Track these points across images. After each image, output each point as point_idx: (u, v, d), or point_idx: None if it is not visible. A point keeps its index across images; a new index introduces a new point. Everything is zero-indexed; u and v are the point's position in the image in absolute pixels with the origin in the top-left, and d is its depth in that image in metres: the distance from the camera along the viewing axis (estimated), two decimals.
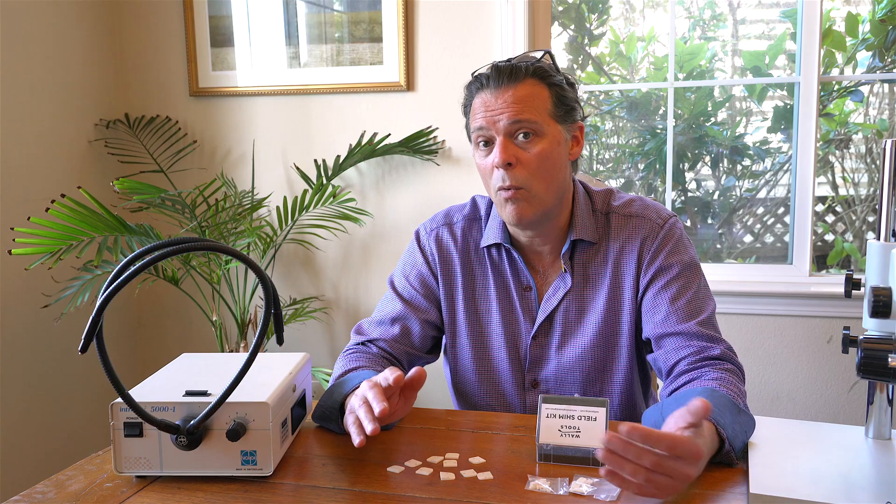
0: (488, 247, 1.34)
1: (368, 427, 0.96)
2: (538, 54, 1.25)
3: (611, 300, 1.28)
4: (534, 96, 1.21)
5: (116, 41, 2.72)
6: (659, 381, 1.53)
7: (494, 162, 1.20)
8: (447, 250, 1.36)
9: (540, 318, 1.30)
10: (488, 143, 1.23)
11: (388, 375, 1.03)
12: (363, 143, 2.42)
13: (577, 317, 1.29)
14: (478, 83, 1.24)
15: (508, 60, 1.25)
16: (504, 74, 1.21)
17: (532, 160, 1.20)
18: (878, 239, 1.03)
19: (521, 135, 1.20)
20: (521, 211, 1.21)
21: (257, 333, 0.96)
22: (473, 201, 1.40)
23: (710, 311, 1.24)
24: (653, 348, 1.25)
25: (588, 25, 3.35)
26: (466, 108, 1.29)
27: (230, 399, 0.96)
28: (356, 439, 0.98)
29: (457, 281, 1.35)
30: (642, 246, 1.27)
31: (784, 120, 3.12)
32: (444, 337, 1.40)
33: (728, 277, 2.43)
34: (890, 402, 1.06)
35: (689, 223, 3.21)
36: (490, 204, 1.37)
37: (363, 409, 1.00)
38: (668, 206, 2.58)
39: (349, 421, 1.03)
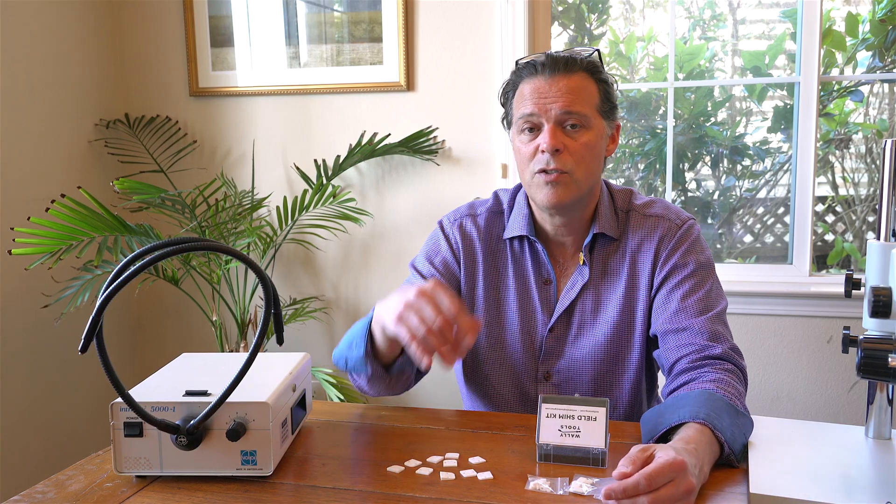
0: (511, 238, 1.35)
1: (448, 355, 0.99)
2: (588, 51, 1.28)
3: (627, 296, 1.29)
4: (584, 89, 1.24)
5: (116, 41, 2.72)
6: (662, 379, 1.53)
7: (541, 147, 1.22)
8: (470, 239, 1.37)
9: (558, 311, 1.31)
10: (534, 128, 1.25)
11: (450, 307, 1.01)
12: (363, 143, 2.42)
13: (593, 310, 1.31)
14: (530, 69, 1.26)
15: (557, 52, 1.27)
16: (560, 64, 1.23)
17: (579, 148, 1.23)
18: (878, 239, 1.03)
19: (570, 125, 1.23)
20: (559, 194, 1.23)
21: (257, 333, 0.96)
22: (496, 195, 1.42)
23: (720, 309, 1.25)
24: (658, 344, 1.26)
25: (588, 25, 3.35)
26: (509, 93, 1.30)
27: (230, 399, 0.96)
28: (424, 361, 0.99)
29: (478, 269, 1.36)
30: (660, 243, 1.29)
31: (784, 120, 3.12)
32: None
33: (728, 277, 2.42)
34: (890, 402, 1.06)
35: None
36: (513, 197, 1.38)
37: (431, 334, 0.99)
38: None
39: (412, 336, 1.01)
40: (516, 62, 1.30)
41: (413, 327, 1.01)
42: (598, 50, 1.29)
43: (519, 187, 1.39)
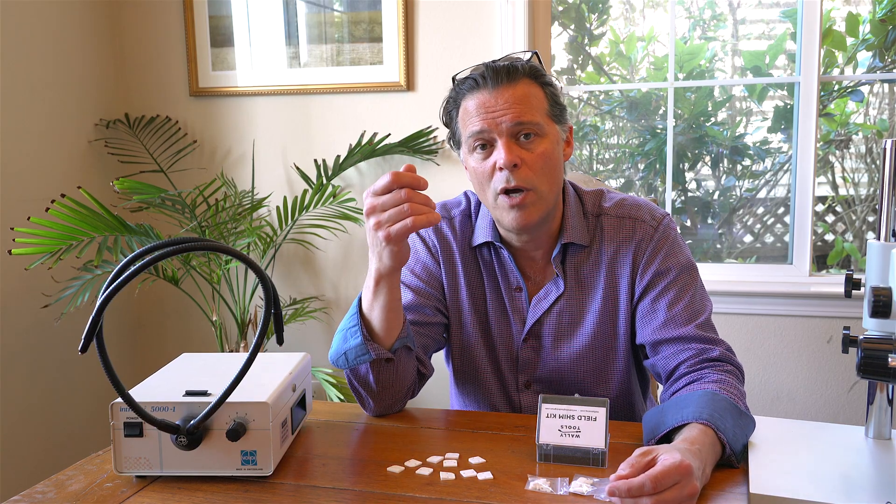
0: (479, 246, 1.32)
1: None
2: (525, 55, 1.23)
3: (606, 304, 1.26)
4: (532, 96, 1.18)
5: (116, 41, 2.72)
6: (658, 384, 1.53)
7: (499, 164, 1.16)
8: (448, 243, 1.33)
9: (530, 321, 1.28)
10: (486, 144, 1.19)
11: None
12: (363, 143, 2.42)
13: (570, 320, 1.28)
14: (470, 83, 1.20)
15: (494, 62, 1.21)
16: (502, 74, 1.17)
17: (536, 160, 1.17)
18: (878, 239, 1.03)
19: (524, 136, 1.17)
20: (527, 216, 1.18)
21: (257, 333, 0.96)
22: (466, 197, 1.37)
23: (708, 313, 1.23)
24: (648, 353, 1.24)
25: (588, 25, 3.35)
26: (452, 112, 1.24)
27: (230, 399, 0.96)
28: (433, 218, 1.03)
29: (459, 274, 1.32)
30: (637, 249, 1.25)
31: (784, 120, 3.12)
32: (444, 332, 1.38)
33: (728, 277, 2.42)
34: (890, 402, 1.06)
35: (689, 223, 3.21)
36: (479, 201, 1.34)
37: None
38: (668, 207, 2.58)
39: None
40: (453, 78, 1.25)
41: (395, 215, 1.02)
42: (535, 52, 1.24)
43: None
